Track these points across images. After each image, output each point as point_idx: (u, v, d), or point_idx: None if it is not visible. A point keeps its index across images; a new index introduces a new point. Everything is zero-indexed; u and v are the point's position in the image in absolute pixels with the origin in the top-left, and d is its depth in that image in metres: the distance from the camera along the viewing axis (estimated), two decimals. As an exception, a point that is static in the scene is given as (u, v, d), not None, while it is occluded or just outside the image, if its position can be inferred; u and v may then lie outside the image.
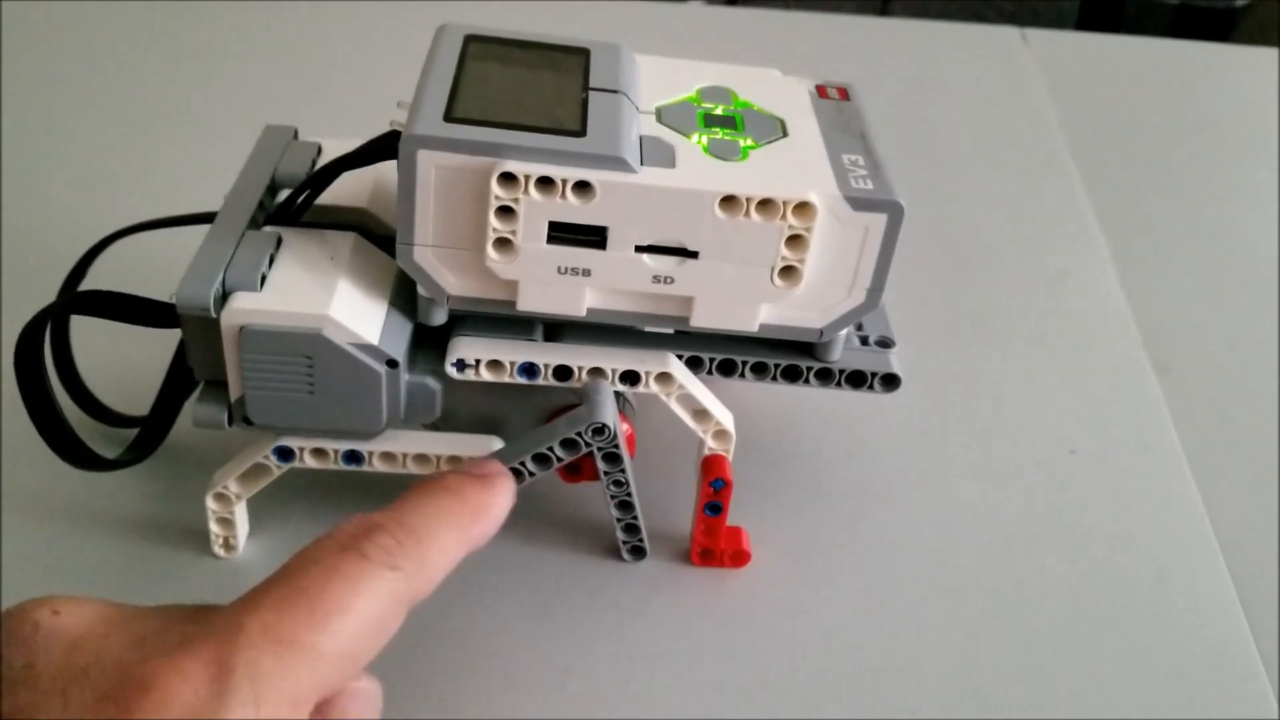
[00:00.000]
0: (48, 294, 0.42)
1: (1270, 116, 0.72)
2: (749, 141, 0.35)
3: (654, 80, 0.38)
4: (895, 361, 0.38)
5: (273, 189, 0.38)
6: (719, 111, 0.36)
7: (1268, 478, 0.45)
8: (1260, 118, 0.72)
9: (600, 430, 0.35)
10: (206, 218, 0.40)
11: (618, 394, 0.36)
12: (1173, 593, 0.40)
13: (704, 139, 0.35)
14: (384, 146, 0.35)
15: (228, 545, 0.38)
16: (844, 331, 0.36)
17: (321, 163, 0.39)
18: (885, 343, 0.38)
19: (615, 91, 0.35)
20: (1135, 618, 0.39)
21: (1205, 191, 0.64)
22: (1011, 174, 0.64)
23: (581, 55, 0.37)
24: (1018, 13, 1.33)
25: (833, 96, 0.38)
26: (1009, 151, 0.66)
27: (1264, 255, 0.59)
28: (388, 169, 0.37)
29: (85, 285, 0.41)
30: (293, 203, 0.37)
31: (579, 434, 0.35)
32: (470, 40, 0.37)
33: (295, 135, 0.41)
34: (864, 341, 0.38)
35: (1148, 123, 0.71)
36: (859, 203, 0.33)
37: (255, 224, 0.36)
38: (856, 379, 0.37)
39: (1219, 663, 0.38)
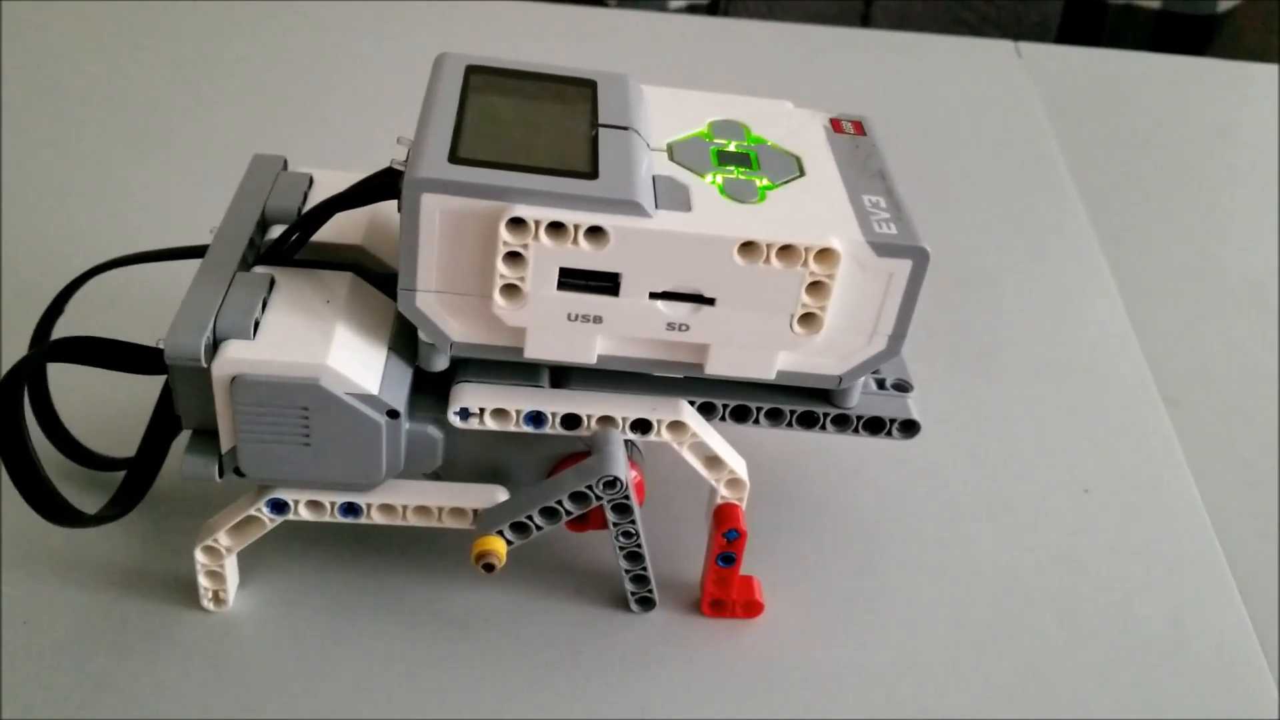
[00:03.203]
0: (23, 326, 0.40)
1: (1273, 136, 0.72)
2: (765, 181, 0.33)
3: (662, 113, 0.36)
4: (914, 407, 0.36)
5: (263, 224, 0.37)
6: (732, 148, 0.35)
7: (1281, 514, 0.44)
8: (1263, 137, 0.72)
9: (612, 484, 0.33)
10: (191, 252, 0.38)
11: (625, 440, 0.35)
12: (1190, 635, 0.39)
13: (719, 179, 0.33)
14: (380, 186, 0.33)
15: (217, 599, 0.36)
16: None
17: (314, 196, 0.37)
18: (903, 386, 0.37)
19: (626, 128, 0.34)
20: (1153, 661, 0.38)
21: (1208, 214, 0.64)
22: (1010, 194, 0.63)
23: (588, 87, 0.35)
24: (999, 17, 1.32)
25: (848, 131, 0.37)
26: (1006, 171, 0.65)
27: (1269, 278, 0.58)
28: (384, 204, 0.35)
29: (63, 321, 0.39)
30: (284, 242, 0.35)
31: (589, 487, 0.33)
32: (471, 72, 0.35)
33: (285, 165, 0.39)
34: (880, 385, 0.37)
35: (1147, 141, 0.70)
36: (883, 248, 0.32)
37: (245, 263, 0.35)
38: (874, 425, 0.36)
39: (1238, 706, 0.37)
